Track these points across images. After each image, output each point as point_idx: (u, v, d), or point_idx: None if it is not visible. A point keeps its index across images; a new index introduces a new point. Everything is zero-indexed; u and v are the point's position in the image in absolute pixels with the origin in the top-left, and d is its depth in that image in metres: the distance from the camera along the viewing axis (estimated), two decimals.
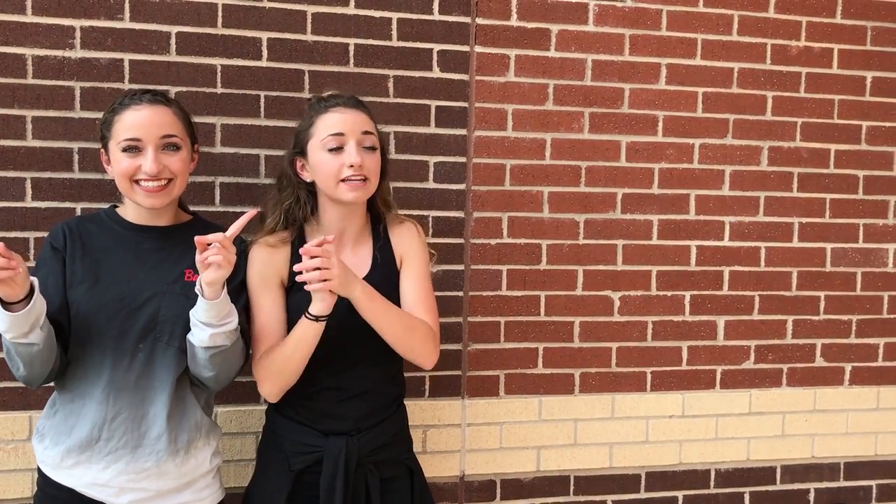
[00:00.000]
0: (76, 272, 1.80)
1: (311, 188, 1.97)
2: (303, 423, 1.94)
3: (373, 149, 1.90)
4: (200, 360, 1.78)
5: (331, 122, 1.88)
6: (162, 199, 1.80)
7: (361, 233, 2.00)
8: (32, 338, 1.65)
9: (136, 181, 1.78)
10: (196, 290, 1.72)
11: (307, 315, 1.79)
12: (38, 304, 1.64)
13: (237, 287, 1.87)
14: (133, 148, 1.77)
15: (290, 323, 1.90)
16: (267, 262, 1.92)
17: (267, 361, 1.87)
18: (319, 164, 1.89)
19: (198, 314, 1.72)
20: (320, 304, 1.77)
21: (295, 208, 1.96)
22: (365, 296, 1.81)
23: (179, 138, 1.83)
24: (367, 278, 1.91)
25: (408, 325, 1.91)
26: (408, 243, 2.02)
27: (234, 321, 1.76)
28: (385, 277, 1.98)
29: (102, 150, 1.86)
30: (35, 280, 1.63)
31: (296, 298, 1.89)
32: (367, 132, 1.89)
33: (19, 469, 2.24)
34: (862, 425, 2.83)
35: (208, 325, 1.72)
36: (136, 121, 1.79)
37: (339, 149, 1.87)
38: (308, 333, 1.81)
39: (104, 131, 1.84)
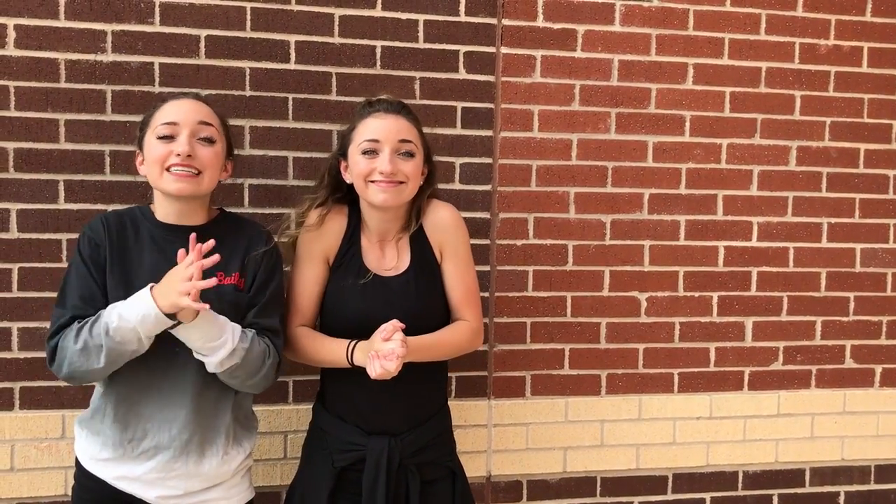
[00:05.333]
0: (114, 268, 1.81)
1: (353, 194, 2.01)
2: (348, 421, 1.96)
3: (410, 155, 1.92)
4: (220, 377, 1.81)
5: (369, 129, 1.91)
6: (189, 186, 1.80)
7: (401, 233, 2.02)
8: (146, 343, 1.72)
9: (167, 168, 1.79)
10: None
11: (350, 361, 1.88)
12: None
13: (272, 289, 1.90)
14: (168, 136, 1.79)
15: (330, 296, 1.97)
16: (316, 239, 1.97)
17: (297, 348, 1.97)
18: (354, 166, 1.94)
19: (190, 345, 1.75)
20: (371, 370, 1.79)
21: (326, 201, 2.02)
22: (414, 351, 1.85)
23: (215, 130, 1.85)
24: (406, 274, 1.97)
25: (454, 347, 2.02)
26: (443, 232, 2.02)
27: (226, 345, 1.75)
28: (423, 271, 2.00)
29: (137, 150, 1.88)
30: None
31: (338, 274, 1.97)
32: (404, 140, 1.91)
33: (53, 467, 2.27)
34: (893, 427, 2.79)
35: (204, 353, 1.75)
36: (174, 108, 1.83)
37: (373, 153, 1.90)
38: (338, 363, 1.91)
39: (143, 127, 1.86)
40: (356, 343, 1.88)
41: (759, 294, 2.69)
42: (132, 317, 1.67)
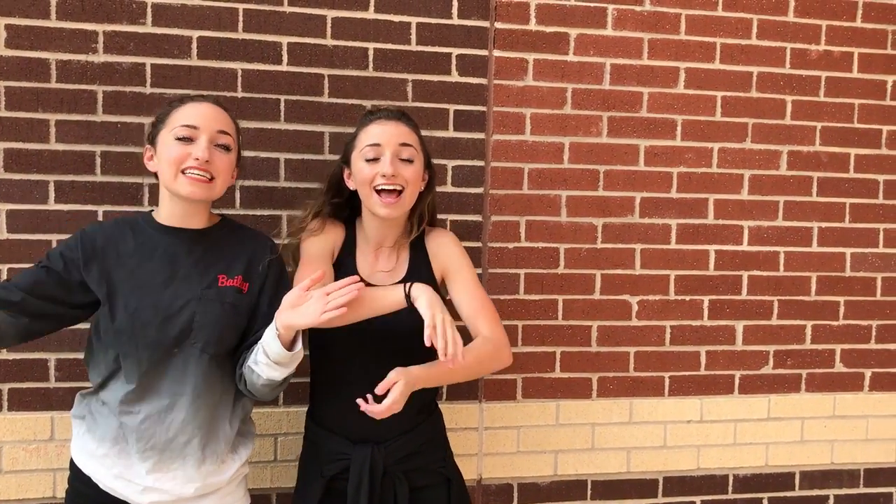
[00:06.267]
0: (102, 278, 1.79)
1: (355, 202, 2.02)
2: (335, 432, 1.96)
3: (410, 161, 1.93)
4: (257, 388, 1.82)
5: (371, 134, 1.93)
6: (202, 191, 1.80)
7: (400, 239, 2.03)
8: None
9: (183, 171, 1.78)
10: (274, 335, 1.74)
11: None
12: None
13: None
14: (187, 139, 1.78)
15: None
16: (322, 239, 1.97)
17: None
18: (357, 173, 1.95)
19: (273, 355, 1.74)
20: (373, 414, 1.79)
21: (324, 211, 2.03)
22: (426, 381, 1.83)
23: (232, 139, 1.86)
24: (402, 280, 1.96)
25: (475, 365, 1.90)
26: (446, 254, 2.03)
27: (299, 356, 1.79)
28: (420, 280, 1.96)
29: (148, 146, 1.86)
30: None
31: (336, 277, 1.95)
32: (404, 144, 1.93)
33: (41, 469, 2.26)
34: (882, 431, 2.81)
35: (282, 364, 1.76)
36: (195, 111, 1.82)
37: (375, 159, 1.91)
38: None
39: (157, 124, 1.84)
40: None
41: (749, 298, 2.69)
42: None
